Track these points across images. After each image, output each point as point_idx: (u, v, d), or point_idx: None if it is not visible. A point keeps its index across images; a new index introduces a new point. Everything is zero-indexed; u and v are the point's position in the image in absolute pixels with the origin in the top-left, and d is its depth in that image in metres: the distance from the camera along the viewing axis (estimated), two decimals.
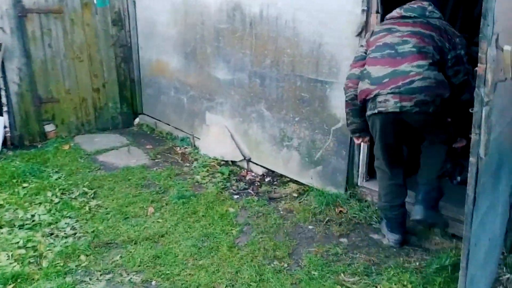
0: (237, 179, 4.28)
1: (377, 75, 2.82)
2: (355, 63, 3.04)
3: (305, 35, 3.73)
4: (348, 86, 3.04)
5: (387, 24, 2.99)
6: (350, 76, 3.04)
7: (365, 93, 2.87)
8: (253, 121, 4.40)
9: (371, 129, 3.01)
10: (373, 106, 2.84)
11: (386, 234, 3.23)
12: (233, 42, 4.37)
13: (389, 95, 2.74)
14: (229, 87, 4.55)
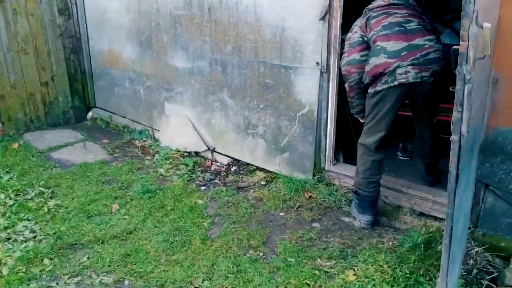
0: (202, 170, 4.18)
1: (393, 49, 2.94)
2: (353, 49, 3.12)
3: (267, 19, 3.67)
4: (351, 71, 3.13)
5: (379, 10, 3.11)
6: (350, 62, 3.12)
7: (383, 67, 2.93)
8: (216, 110, 4.30)
9: (377, 104, 3.02)
10: (391, 79, 2.93)
11: (357, 216, 3.25)
12: (191, 29, 4.23)
13: (409, 66, 2.90)
14: (189, 75, 4.42)
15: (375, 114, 3.07)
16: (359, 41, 3.12)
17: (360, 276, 2.69)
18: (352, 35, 3.16)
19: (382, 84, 2.97)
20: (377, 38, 3.02)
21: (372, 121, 3.10)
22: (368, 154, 3.15)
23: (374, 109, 3.06)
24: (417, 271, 2.67)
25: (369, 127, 3.12)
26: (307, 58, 3.52)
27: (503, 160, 2.75)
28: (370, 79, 3.02)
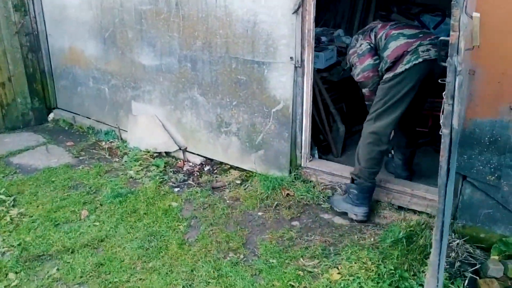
0: (174, 171, 4.03)
1: (411, 33, 3.11)
2: (364, 57, 3.21)
3: (238, 14, 3.55)
4: (369, 76, 3.20)
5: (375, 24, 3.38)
6: (366, 68, 3.19)
7: (405, 47, 3.02)
8: (186, 108, 4.15)
9: (394, 86, 3.01)
10: (415, 57, 2.98)
11: (352, 210, 3.18)
12: (158, 25, 4.06)
13: (429, 45, 3.02)
14: (156, 73, 4.25)
15: (390, 98, 3.02)
16: (369, 48, 3.21)
17: (345, 274, 2.63)
18: (359, 47, 3.25)
19: (405, 65, 2.98)
20: (390, 31, 3.14)
21: (385, 106, 3.05)
22: (375, 144, 3.10)
23: (389, 93, 3.03)
24: (401, 267, 2.64)
25: (381, 112, 3.07)
26: (280, 53, 3.43)
27: (480, 152, 2.75)
28: (392, 62, 3.02)
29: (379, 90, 3.11)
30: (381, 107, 3.06)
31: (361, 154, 3.16)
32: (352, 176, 3.21)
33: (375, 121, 3.10)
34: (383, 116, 3.06)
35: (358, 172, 3.16)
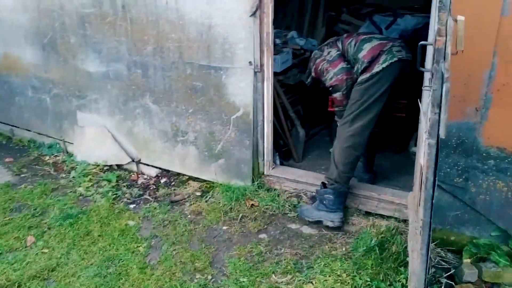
0: (128, 185, 3.76)
1: (381, 36, 3.27)
2: (336, 61, 3.24)
3: (192, 16, 3.35)
4: (343, 79, 3.19)
5: None
6: (340, 71, 3.20)
7: (381, 46, 3.07)
8: (138, 117, 3.89)
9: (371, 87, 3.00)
10: (390, 56, 3.01)
11: (328, 217, 3.07)
12: (104, 29, 3.77)
13: (400, 46, 3.10)
14: (103, 80, 3.95)
15: (367, 99, 3.00)
16: (339, 54, 3.26)
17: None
18: (328, 55, 3.30)
19: (381, 64, 2.98)
20: (360, 37, 3.20)
21: (361, 107, 3.01)
22: (354, 148, 3.06)
23: (365, 94, 3.00)
24: (376, 277, 2.56)
25: (358, 114, 3.03)
26: (238, 57, 3.27)
27: (447, 154, 2.73)
28: (368, 62, 3.03)
29: (354, 92, 3.07)
30: (358, 108, 3.02)
31: (339, 158, 3.08)
32: (328, 181, 3.12)
33: (351, 123, 3.04)
34: (360, 118, 3.02)
35: (336, 176, 3.08)
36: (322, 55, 3.37)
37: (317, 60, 3.38)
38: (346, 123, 3.09)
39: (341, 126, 3.14)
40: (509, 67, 2.42)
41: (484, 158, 2.65)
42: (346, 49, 3.25)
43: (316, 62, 3.38)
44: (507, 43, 2.39)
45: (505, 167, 2.60)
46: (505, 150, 2.58)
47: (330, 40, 3.47)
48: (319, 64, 3.34)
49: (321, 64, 3.32)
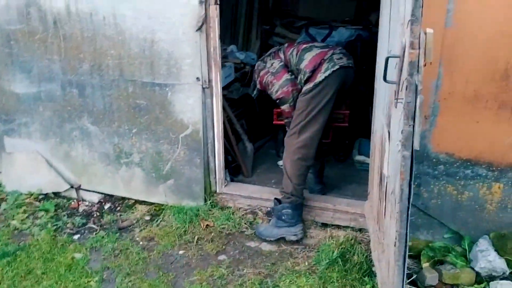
0: (68, 214, 3.48)
1: (322, 45, 3.24)
2: (279, 73, 3.18)
3: (132, 32, 3.19)
4: (289, 91, 3.13)
5: None
6: (285, 83, 3.14)
7: (321, 55, 3.06)
8: (76, 140, 3.63)
9: (315, 96, 2.98)
10: (331, 64, 3.00)
11: (290, 231, 3.03)
12: (33, 47, 3.48)
13: (341, 54, 3.11)
14: (34, 102, 3.64)
15: (313, 108, 2.98)
16: (282, 65, 3.21)
17: None
18: (271, 67, 3.24)
19: (323, 73, 2.97)
20: (301, 46, 3.18)
21: (308, 117, 2.99)
22: (303, 159, 3.04)
23: (310, 104, 2.99)
24: None
25: (305, 124, 3.01)
26: (185, 73, 3.16)
27: None
28: (311, 71, 3.01)
29: (300, 102, 3.05)
30: (304, 119, 3.00)
31: (292, 170, 3.05)
32: (284, 195, 3.08)
33: (299, 134, 3.02)
34: (308, 128, 3.01)
35: (292, 190, 3.04)
36: (265, 67, 3.32)
37: (261, 73, 3.32)
38: (293, 134, 3.07)
39: (289, 137, 3.12)
40: (453, 76, 2.54)
41: (434, 164, 2.75)
42: (288, 59, 3.22)
43: (260, 74, 3.33)
44: (450, 54, 2.51)
45: (454, 171, 2.72)
46: (453, 156, 2.70)
47: (272, 50, 3.43)
48: (263, 77, 3.29)
49: (266, 76, 3.27)
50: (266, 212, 3.32)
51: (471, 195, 2.74)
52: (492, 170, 2.65)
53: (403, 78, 1.70)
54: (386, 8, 2.47)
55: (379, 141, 2.54)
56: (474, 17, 2.41)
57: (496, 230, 2.73)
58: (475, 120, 2.58)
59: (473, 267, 2.63)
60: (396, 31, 1.99)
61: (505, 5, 2.35)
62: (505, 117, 2.54)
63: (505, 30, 2.38)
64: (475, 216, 2.77)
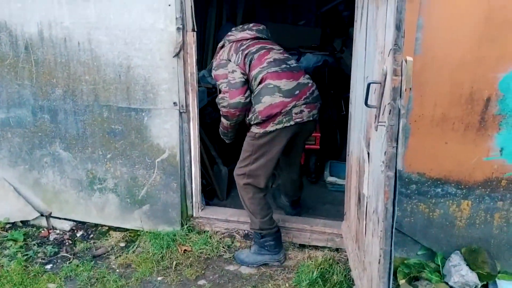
0: (39, 243, 3.37)
1: (287, 88, 2.86)
2: (236, 90, 2.88)
3: (108, 57, 3.19)
4: (236, 114, 2.93)
5: (253, 44, 3.00)
6: (236, 105, 2.88)
7: (280, 107, 2.82)
8: (46, 167, 3.54)
9: (266, 144, 2.90)
10: (287, 118, 2.85)
11: (274, 258, 3.06)
12: (2, 72, 3.41)
13: (303, 105, 2.89)
14: (2, 128, 3.54)
15: (262, 154, 2.92)
16: (242, 82, 2.87)
17: None
18: (232, 75, 2.88)
19: (276, 124, 2.84)
20: (267, 76, 2.86)
21: (257, 162, 2.94)
22: (258, 192, 3.01)
23: (261, 149, 2.92)
24: None
25: (256, 168, 2.95)
26: (162, 98, 3.17)
27: None
28: (263, 119, 2.83)
29: (248, 144, 2.96)
30: (252, 163, 2.95)
31: (252, 208, 3.02)
32: (255, 232, 3.07)
33: (248, 177, 2.98)
34: (256, 172, 2.96)
35: (260, 225, 3.02)
36: (226, 67, 2.92)
37: (219, 70, 2.95)
38: (242, 174, 3.01)
39: (238, 176, 3.04)
40: (423, 100, 2.69)
41: (407, 183, 2.87)
42: (251, 78, 2.91)
43: (218, 71, 2.96)
44: (420, 79, 2.66)
45: (425, 190, 2.85)
46: (424, 175, 2.84)
47: (242, 49, 2.96)
48: (219, 78, 2.94)
49: (222, 81, 2.92)
50: (244, 235, 3.33)
51: (442, 212, 2.87)
52: (460, 188, 2.79)
53: (385, 103, 1.81)
54: (360, 36, 2.60)
55: (356, 162, 2.64)
56: (440, 45, 2.58)
57: (466, 245, 2.86)
58: (444, 141, 2.73)
59: (447, 282, 2.74)
60: (373, 59, 2.10)
61: (468, 34, 2.53)
62: (471, 138, 2.70)
63: (469, 57, 2.56)
64: (446, 232, 2.90)
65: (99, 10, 3.09)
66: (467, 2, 2.49)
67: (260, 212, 3.01)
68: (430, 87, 2.65)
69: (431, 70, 2.62)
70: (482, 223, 2.83)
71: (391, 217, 1.81)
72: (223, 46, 3.09)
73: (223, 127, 3.15)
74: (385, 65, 1.76)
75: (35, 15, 3.21)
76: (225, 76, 2.91)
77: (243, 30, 3.10)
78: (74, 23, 3.18)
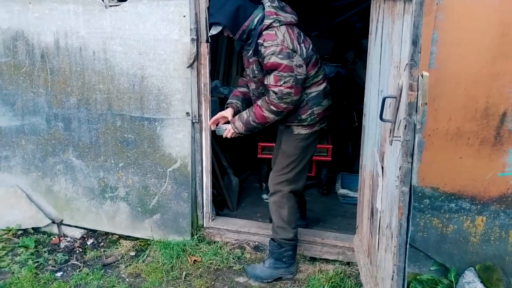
0: (50, 250, 3.38)
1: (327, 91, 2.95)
2: (300, 87, 2.71)
3: (122, 67, 3.22)
4: (290, 110, 2.74)
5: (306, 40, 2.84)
6: (296, 103, 2.72)
7: (329, 110, 2.94)
8: (59, 174, 3.57)
9: (310, 145, 2.91)
10: (325, 124, 2.95)
11: (288, 271, 3.02)
12: (18, 80, 3.46)
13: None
14: (17, 136, 3.59)
15: (304, 156, 2.91)
16: (304, 80, 2.71)
17: None
18: (298, 70, 2.64)
19: (321, 124, 2.90)
20: (325, 79, 2.92)
21: (300, 165, 2.91)
22: (295, 201, 3.00)
23: (305, 151, 2.90)
24: None
25: (298, 172, 2.92)
26: (175, 108, 3.19)
27: None
28: (317, 120, 2.86)
29: (296, 147, 2.87)
30: (297, 165, 2.91)
31: (290, 218, 2.96)
32: (279, 243, 2.98)
33: (294, 182, 2.94)
34: (300, 175, 2.95)
35: (293, 235, 2.98)
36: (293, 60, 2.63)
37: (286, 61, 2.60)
38: (285, 181, 2.93)
39: (279, 185, 2.94)
40: (437, 114, 2.66)
41: (420, 198, 2.84)
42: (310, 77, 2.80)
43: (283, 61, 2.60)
44: (434, 93, 2.64)
45: (439, 205, 2.81)
46: (438, 190, 2.80)
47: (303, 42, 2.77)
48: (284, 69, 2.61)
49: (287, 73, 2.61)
50: (254, 246, 3.32)
51: (456, 228, 2.83)
52: (475, 203, 2.75)
53: (400, 118, 1.79)
54: (374, 49, 2.59)
55: (369, 175, 2.62)
56: (455, 60, 2.56)
57: (480, 262, 2.81)
58: (458, 156, 2.70)
59: None
60: (388, 72, 2.09)
61: (484, 49, 2.51)
62: (486, 153, 2.67)
63: (484, 72, 2.54)
64: (460, 248, 2.85)
65: (115, 20, 3.13)
66: (483, 18, 2.47)
67: (295, 221, 3.01)
68: (444, 101, 2.63)
69: (446, 84, 2.60)
70: (497, 239, 2.79)
71: (405, 233, 1.78)
72: (270, 25, 2.67)
73: (263, 121, 2.75)
74: (401, 79, 1.75)
75: (52, 25, 3.26)
76: (291, 70, 2.62)
77: (283, 10, 2.78)
78: (90, 32, 3.22)
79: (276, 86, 2.63)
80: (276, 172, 2.97)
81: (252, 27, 2.71)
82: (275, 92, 2.64)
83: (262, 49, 2.65)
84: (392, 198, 1.94)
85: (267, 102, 2.70)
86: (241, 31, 2.73)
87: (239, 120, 2.84)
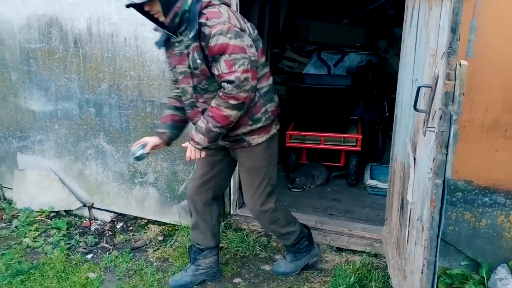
0: (81, 233, 3.46)
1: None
2: (256, 71, 2.27)
3: (153, 54, 3.23)
4: (251, 99, 2.29)
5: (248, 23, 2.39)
6: (255, 89, 2.29)
7: (279, 107, 2.55)
8: (90, 159, 3.64)
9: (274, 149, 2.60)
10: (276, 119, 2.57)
11: (310, 259, 2.96)
12: (52, 65, 3.53)
13: None
14: (50, 120, 3.67)
15: (272, 160, 2.60)
16: (256, 62, 2.28)
17: None
18: (251, 50, 2.24)
19: (276, 126, 2.56)
20: (270, 73, 2.48)
21: (273, 171, 2.63)
22: (280, 204, 2.79)
23: (270, 157, 2.57)
24: None
25: (273, 177, 2.65)
26: None
27: None
28: (272, 120, 2.48)
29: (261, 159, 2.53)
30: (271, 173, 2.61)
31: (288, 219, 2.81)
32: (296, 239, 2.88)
33: (272, 192, 2.67)
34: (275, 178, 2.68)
35: (300, 229, 2.89)
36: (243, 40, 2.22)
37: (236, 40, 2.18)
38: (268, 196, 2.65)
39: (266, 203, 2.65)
40: (473, 105, 2.58)
41: (452, 191, 2.76)
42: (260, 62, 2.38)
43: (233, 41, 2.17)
44: (471, 83, 2.55)
45: (472, 198, 2.73)
46: (472, 183, 2.72)
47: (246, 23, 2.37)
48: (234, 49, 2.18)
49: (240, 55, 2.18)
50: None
51: (489, 222, 2.75)
52: (510, 198, 2.66)
53: (435, 108, 1.74)
54: (409, 37, 2.52)
55: (400, 167, 2.56)
56: (494, 49, 2.46)
57: None
58: (494, 149, 2.61)
59: None
60: (423, 61, 2.03)
61: None
62: None
63: None
64: (492, 244, 2.77)
65: None
66: None
67: (292, 217, 2.88)
68: (481, 91, 2.54)
69: (483, 74, 2.50)
70: None
71: (437, 227, 1.74)
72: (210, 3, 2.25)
73: (226, 122, 2.27)
74: (437, 68, 1.69)
75: (85, 11, 3.30)
76: (244, 51, 2.19)
77: None
78: (121, 19, 3.24)
79: (231, 73, 2.16)
80: (254, 194, 2.63)
81: (186, 8, 2.21)
82: (231, 81, 2.17)
83: (206, 30, 2.16)
84: (424, 190, 1.89)
85: (223, 98, 2.22)
86: (172, 14, 2.21)
87: (197, 133, 2.32)
